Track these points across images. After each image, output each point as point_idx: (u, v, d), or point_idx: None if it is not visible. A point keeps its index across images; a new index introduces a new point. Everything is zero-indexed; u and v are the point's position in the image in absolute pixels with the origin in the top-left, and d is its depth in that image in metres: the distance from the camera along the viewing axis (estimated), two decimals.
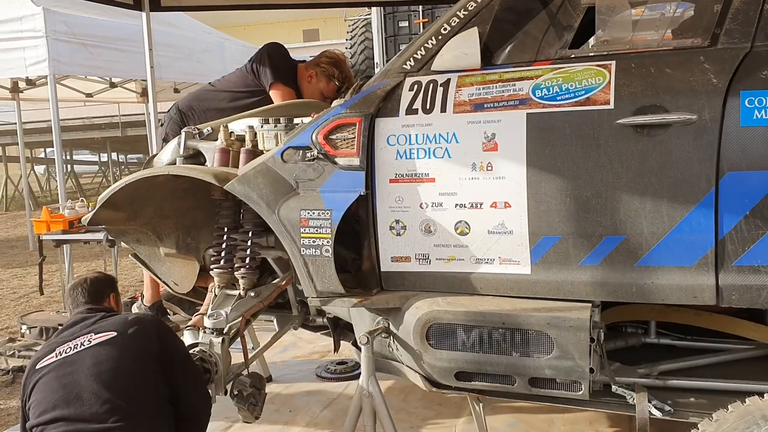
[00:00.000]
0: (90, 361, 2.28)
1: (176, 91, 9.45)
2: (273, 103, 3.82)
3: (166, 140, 3.75)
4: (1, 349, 4.96)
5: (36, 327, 5.25)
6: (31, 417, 2.31)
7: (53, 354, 2.37)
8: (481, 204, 2.46)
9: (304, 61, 4.10)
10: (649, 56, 2.35)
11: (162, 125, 4.16)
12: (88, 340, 2.34)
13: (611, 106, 2.29)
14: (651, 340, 2.94)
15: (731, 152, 2.18)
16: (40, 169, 21.17)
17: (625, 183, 2.28)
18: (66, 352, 2.34)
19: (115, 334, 2.35)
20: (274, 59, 3.89)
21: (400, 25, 7.34)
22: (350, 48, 8.78)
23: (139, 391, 2.28)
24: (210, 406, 2.56)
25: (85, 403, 2.22)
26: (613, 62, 2.35)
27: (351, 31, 8.95)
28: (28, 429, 2.32)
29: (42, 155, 21.20)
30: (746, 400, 2.10)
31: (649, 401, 2.39)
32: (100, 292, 2.65)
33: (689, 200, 2.22)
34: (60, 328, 2.57)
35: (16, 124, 10.50)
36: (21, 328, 5.35)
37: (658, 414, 2.37)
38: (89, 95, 9.99)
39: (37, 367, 2.37)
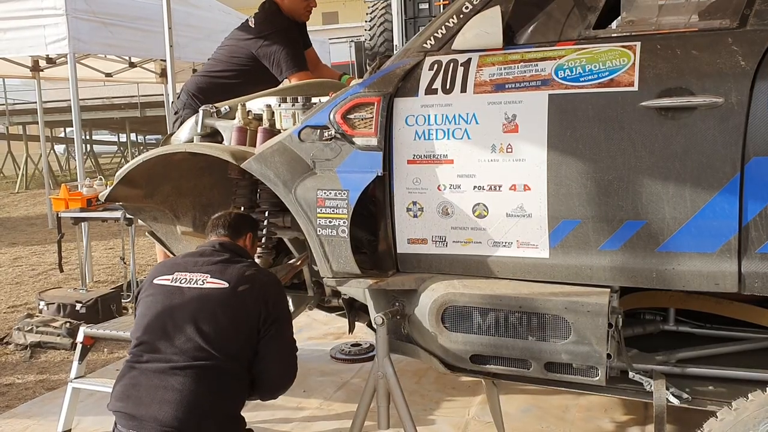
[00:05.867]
0: (194, 305, 2.35)
1: (195, 71, 9.44)
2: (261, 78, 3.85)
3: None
4: (20, 324, 5.01)
5: (53, 303, 5.30)
6: (134, 326, 2.45)
7: (170, 277, 2.45)
8: (500, 186, 2.43)
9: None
10: (676, 37, 2.30)
11: (176, 113, 4.14)
12: (203, 281, 2.40)
13: (635, 88, 2.25)
14: (670, 328, 2.90)
15: (758, 137, 2.13)
16: (60, 148, 21.34)
17: (648, 167, 2.24)
18: (180, 282, 2.42)
19: (226, 286, 2.37)
20: (281, 44, 3.86)
21: (420, 6, 7.24)
22: (369, 30, 8.71)
23: (225, 347, 2.32)
24: (290, 384, 2.54)
25: (174, 342, 2.31)
26: (638, 43, 2.30)
27: (370, 13, 8.88)
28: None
29: (62, 135, 21.35)
30: (767, 388, 2.06)
31: (667, 389, 2.36)
32: (240, 227, 2.66)
33: (713, 185, 2.18)
34: (191, 252, 2.65)
35: (36, 103, 10.57)
36: (39, 305, 5.40)
37: (675, 402, 2.34)
38: (109, 75, 10.02)
39: (154, 281, 2.47)
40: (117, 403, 2.31)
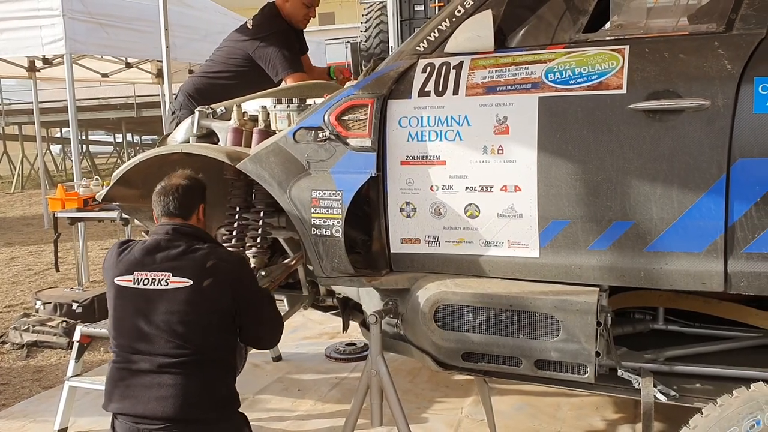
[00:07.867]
0: (162, 308, 2.34)
1: (191, 72, 9.46)
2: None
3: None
4: (16, 324, 5.04)
5: (50, 303, 5.32)
6: (109, 327, 2.47)
7: (131, 278, 2.39)
8: (491, 187, 2.47)
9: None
10: (664, 41, 2.34)
11: (173, 114, 4.17)
12: (166, 281, 2.36)
13: (624, 90, 2.29)
14: (659, 326, 2.94)
15: (743, 139, 2.17)
16: (55, 148, 21.32)
17: (636, 168, 2.28)
18: (144, 284, 2.37)
19: (190, 283, 2.34)
20: (278, 46, 3.90)
21: (415, 8, 7.27)
22: (365, 31, 8.73)
23: (203, 343, 2.36)
24: (280, 335, 2.67)
25: (154, 344, 2.34)
26: (627, 47, 2.34)
27: (366, 14, 8.90)
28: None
29: (58, 135, 21.33)
30: (751, 385, 2.11)
31: (655, 386, 2.40)
32: (191, 204, 2.54)
33: (700, 186, 2.22)
34: (146, 244, 2.48)
35: (32, 103, 10.58)
36: (35, 304, 5.43)
37: (663, 399, 2.38)
38: (105, 75, 10.02)
39: (115, 281, 2.42)
40: (114, 405, 2.36)
